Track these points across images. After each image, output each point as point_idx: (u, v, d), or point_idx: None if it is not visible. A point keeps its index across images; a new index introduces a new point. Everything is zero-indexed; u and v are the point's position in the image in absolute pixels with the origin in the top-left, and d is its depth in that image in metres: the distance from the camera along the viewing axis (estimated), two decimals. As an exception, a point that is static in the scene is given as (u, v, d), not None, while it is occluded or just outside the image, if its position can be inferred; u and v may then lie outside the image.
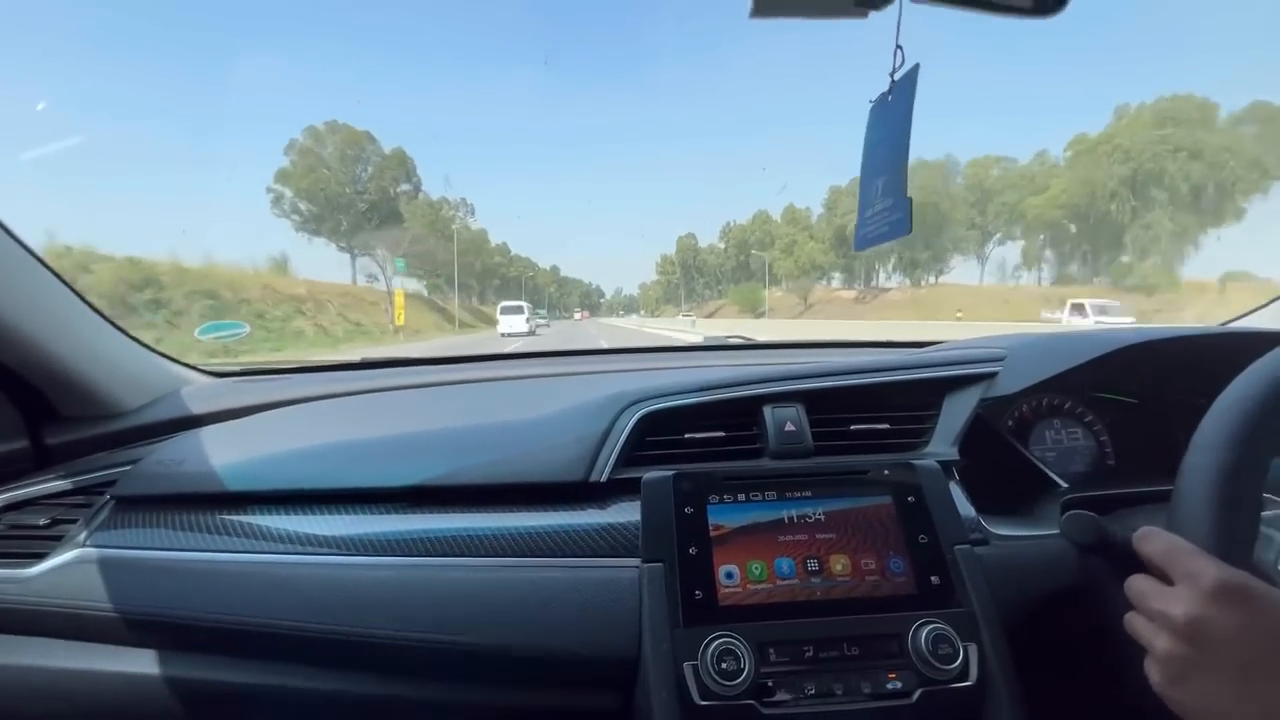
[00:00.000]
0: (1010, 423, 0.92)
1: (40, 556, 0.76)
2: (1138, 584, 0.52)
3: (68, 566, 0.75)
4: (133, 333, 1.02)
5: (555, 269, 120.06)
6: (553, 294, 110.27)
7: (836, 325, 28.85)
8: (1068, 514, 0.65)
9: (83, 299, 0.90)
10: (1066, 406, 0.94)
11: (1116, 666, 0.65)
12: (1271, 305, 1.13)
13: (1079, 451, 0.93)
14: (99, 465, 0.87)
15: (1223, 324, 1.14)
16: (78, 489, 0.83)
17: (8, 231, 0.78)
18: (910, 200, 0.54)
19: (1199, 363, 0.86)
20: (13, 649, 0.75)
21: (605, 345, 1.76)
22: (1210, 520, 0.50)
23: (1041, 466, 0.84)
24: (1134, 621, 0.52)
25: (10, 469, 0.86)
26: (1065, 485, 0.81)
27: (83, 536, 0.77)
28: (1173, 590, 0.49)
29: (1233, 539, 0.49)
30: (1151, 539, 0.52)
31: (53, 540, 0.78)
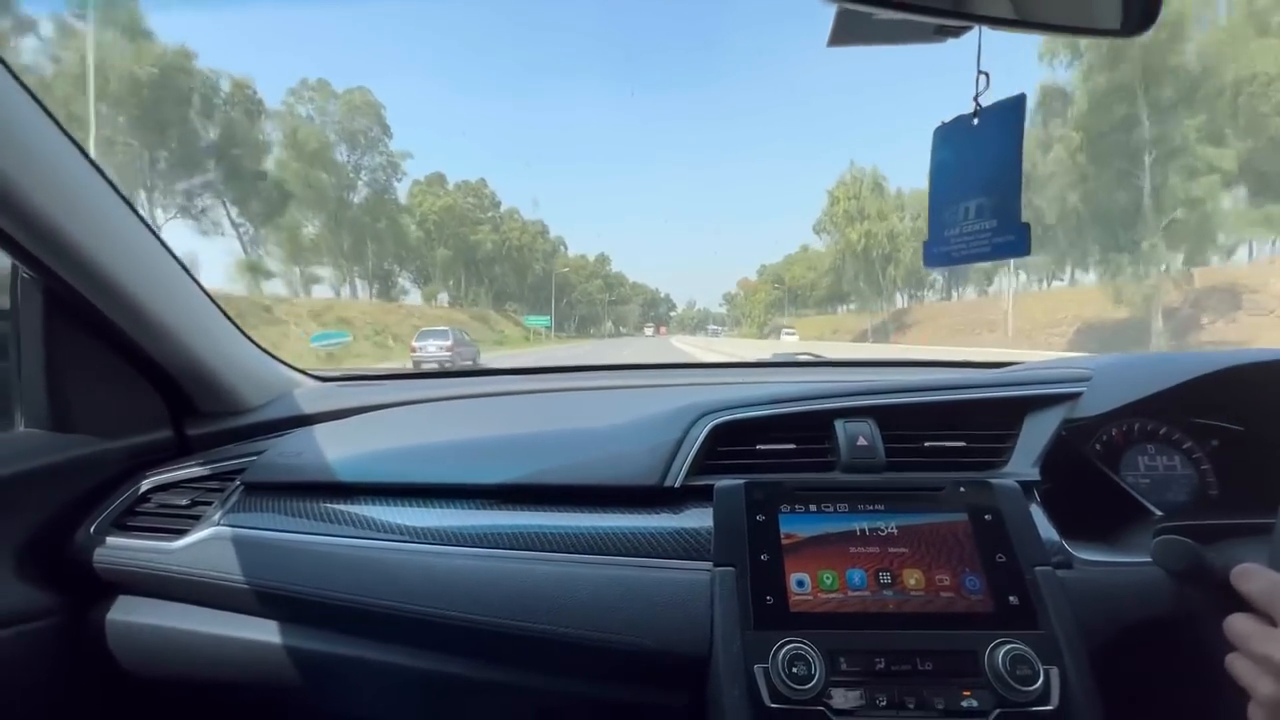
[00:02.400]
0: (1098, 447, 0.89)
1: (182, 532, 0.87)
2: (1240, 624, 0.50)
3: (205, 542, 0.85)
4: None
5: (603, 259, 79.54)
6: (587, 295, 73.51)
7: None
8: (1160, 539, 0.62)
9: (218, 306, 1.03)
10: (1162, 432, 0.90)
11: (1211, 705, 0.62)
12: None
13: (1176, 479, 0.88)
14: (230, 455, 0.98)
15: None
16: (213, 475, 0.95)
17: (163, 244, 0.91)
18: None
19: None
20: (159, 611, 0.86)
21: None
22: None
23: (1133, 493, 0.81)
24: (1236, 664, 0.50)
25: (159, 455, 0.99)
26: (1160, 514, 0.77)
27: (217, 516, 0.88)
28: (1277, 632, 0.47)
29: None
30: (1252, 576, 0.50)
31: (192, 519, 0.89)
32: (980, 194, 0.55)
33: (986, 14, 0.50)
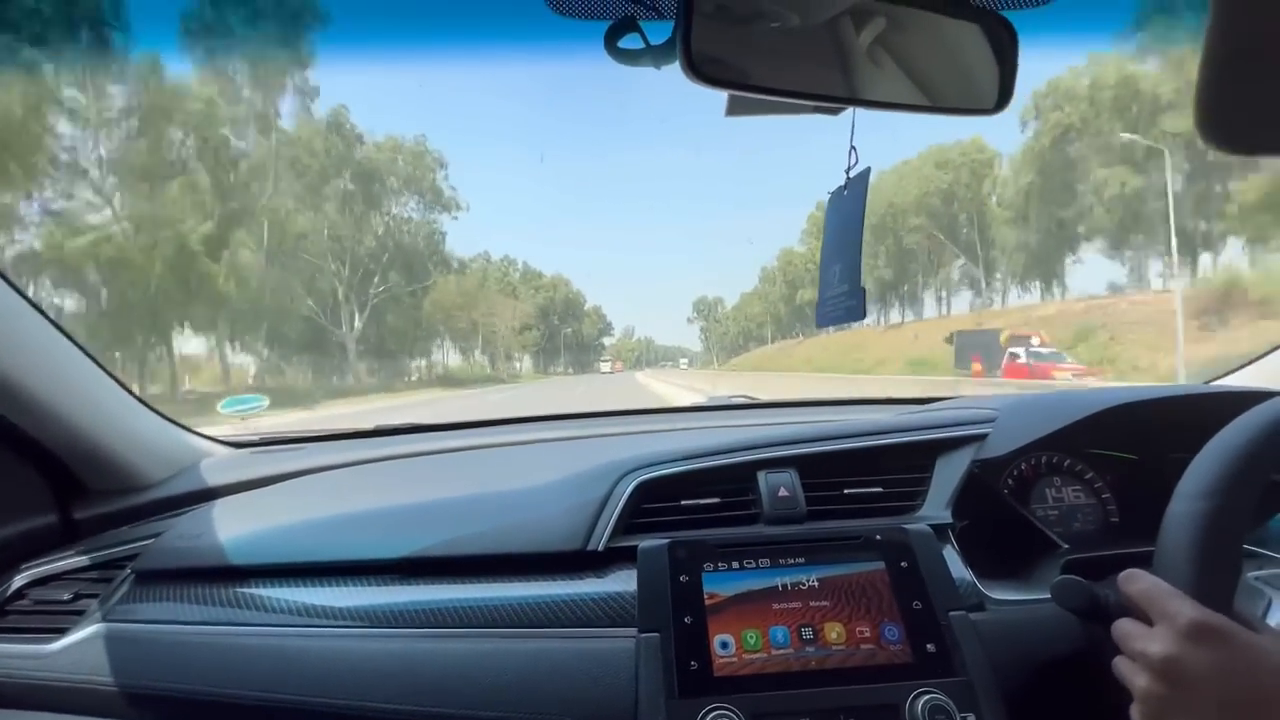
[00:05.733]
0: (1010, 482, 0.93)
1: (62, 632, 0.79)
2: (1122, 626, 0.55)
3: (87, 641, 0.77)
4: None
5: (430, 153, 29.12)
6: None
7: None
8: (1057, 580, 0.65)
9: (109, 374, 0.96)
10: (1066, 464, 0.95)
11: None
12: (1257, 363, 1.14)
13: (1082, 509, 0.93)
14: (122, 540, 0.91)
15: (1207, 382, 1.16)
16: (101, 563, 0.87)
17: (38, 309, 0.84)
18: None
19: (1192, 421, 0.87)
20: None
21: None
22: (1190, 565, 0.53)
23: (1041, 527, 0.84)
24: (1120, 664, 0.54)
25: (39, 544, 0.90)
26: (1066, 546, 0.81)
27: (104, 611, 0.80)
28: (1152, 630, 0.51)
29: (1211, 585, 0.52)
30: (1134, 580, 0.55)
31: (75, 615, 0.81)
32: (841, 259, 0.60)
33: (861, 98, 0.54)
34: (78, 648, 0.77)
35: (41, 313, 0.84)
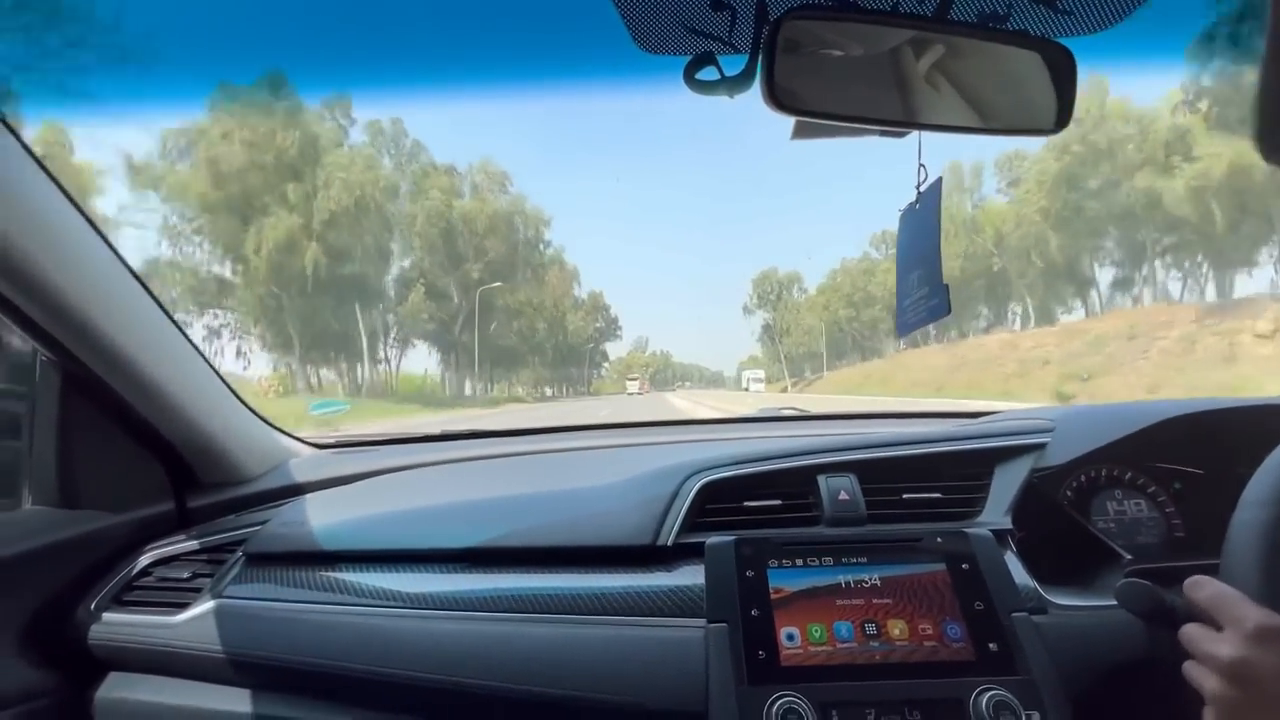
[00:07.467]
0: (1069, 493, 0.93)
1: (184, 606, 0.88)
2: (1190, 631, 0.56)
3: (207, 615, 0.86)
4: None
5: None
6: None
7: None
8: (1123, 582, 0.66)
9: (220, 376, 1.07)
10: (1127, 477, 0.95)
11: None
12: None
13: (1144, 523, 0.92)
14: (228, 527, 1.00)
15: None
16: (214, 546, 0.96)
17: (169, 317, 0.94)
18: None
19: (1259, 434, 0.86)
20: (155, 688, 0.86)
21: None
22: (1256, 572, 0.55)
23: (1102, 537, 0.85)
24: (1190, 669, 0.55)
25: (160, 528, 1.00)
26: (1129, 557, 0.81)
27: (219, 588, 0.89)
28: (1220, 635, 0.52)
29: (1278, 591, 0.53)
30: (1201, 586, 0.56)
31: (193, 592, 0.90)
32: (919, 266, 0.63)
33: (923, 121, 0.58)
34: (199, 620, 0.86)
35: (173, 320, 0.95)
